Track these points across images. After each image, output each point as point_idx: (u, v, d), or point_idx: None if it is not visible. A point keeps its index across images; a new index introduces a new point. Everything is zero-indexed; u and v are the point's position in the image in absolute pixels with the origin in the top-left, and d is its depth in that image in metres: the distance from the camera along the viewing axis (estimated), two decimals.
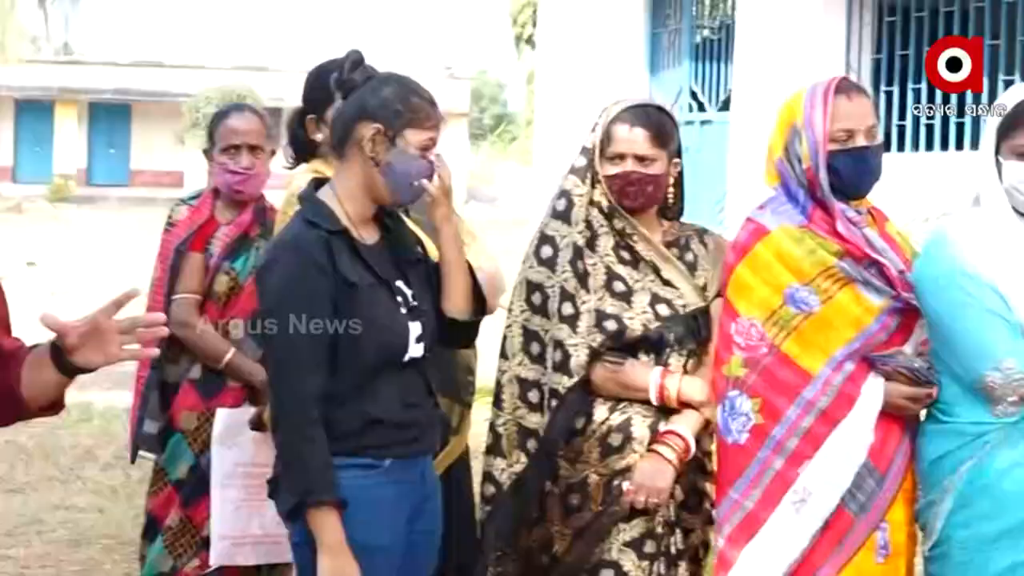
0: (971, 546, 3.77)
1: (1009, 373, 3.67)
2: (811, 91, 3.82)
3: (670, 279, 4.01)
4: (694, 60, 13.34)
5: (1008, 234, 3.76)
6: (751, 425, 3.75)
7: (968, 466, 3.76)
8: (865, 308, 3.74)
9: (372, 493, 3.61)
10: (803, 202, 3.81)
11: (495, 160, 45.95)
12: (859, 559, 3.74)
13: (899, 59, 10.86)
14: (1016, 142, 3.72)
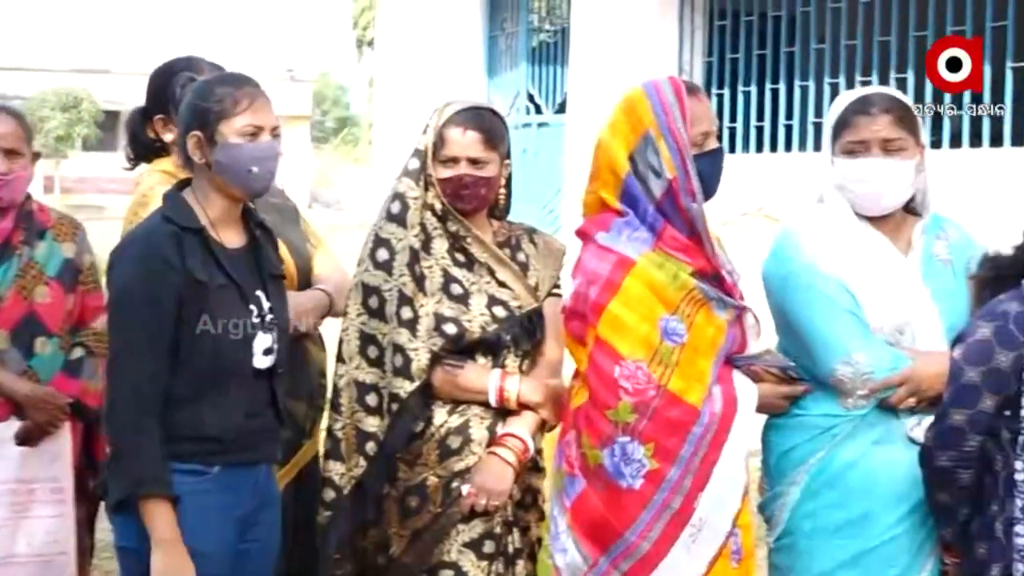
0: (817, 536, 3.85)
1: (859, 367, 3.75)
2: (655, 96, 3.70)
3: (505, 280, 4.04)
4: (531, 63, 13.42)
5: (851, 231, 3.87)
6: (646, 471, 3.63)
7: (817, 458, 3.84)
8: (716, 327, 3.70)
9: (198, 499, 3.59)
10: (651, 219, 3.69)
11: (338, 163, 45.62)
12: (718, 568, 3.72)
13: (730, 62, 11.03)
14: (844, 140, 3.85)
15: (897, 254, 3.89)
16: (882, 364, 3.75)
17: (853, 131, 3.86)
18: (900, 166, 3.84)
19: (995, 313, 3.50)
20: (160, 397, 3.57)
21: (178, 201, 3.73)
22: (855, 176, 3.85)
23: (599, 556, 3.68)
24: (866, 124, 3.84)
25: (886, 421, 3.80)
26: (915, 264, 3.89)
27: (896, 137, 3.83)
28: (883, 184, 3.85)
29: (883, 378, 3.75)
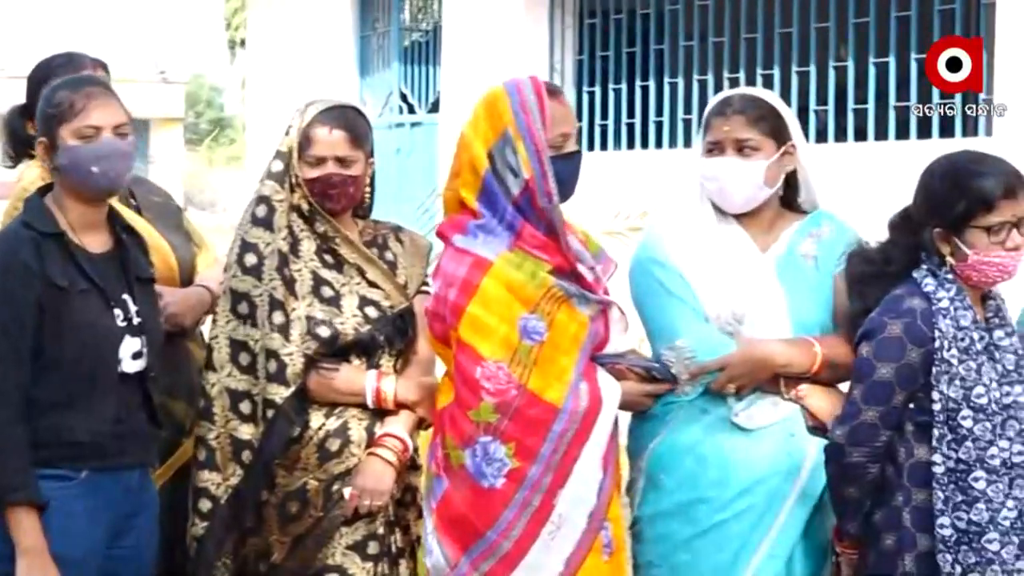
0: (657, 521, 3.92)
1: (681, 351, 3.83)
2: (516, 96, 3.71)
3: (375, 280, 4.04)
4: (403, 62, 13.40)
5: (708, 227, 3.96)
6: (507, 470, 3.67)
7: (654, 444, 3.91)
8: (579, 323, 3.73)
9: (65, 505, 3.57)
10: (511, 218, 3.71)
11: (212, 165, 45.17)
12: (590, 562, 3.75)
13: (600, 60, 11.11)
14: (705, 140, 3.95)
15: (753, 249, 3.97)
16: (705, 349, 3.83)
17: (711, 131, 3.95)
18: (751, 166, 3.91)
19: (902, 310, 3.58)
20: (24, 404, 3.55)
21: (38, 206, 3.72)
22: (710, 175, 3.94)
23: (460, 557, 3.71)
24: (720, 125, 3.93)
25: (716, 407, 3.87)
26: (772, 259, 3.96)
27: (748, 137, 3.90)
28: (733, 183, 3.92)
29: (702, 363, 3.82)
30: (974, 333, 3.57)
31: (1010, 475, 3.52)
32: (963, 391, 3.52)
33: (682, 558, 3.87)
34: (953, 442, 3.51)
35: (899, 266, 3.66)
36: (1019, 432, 3.55)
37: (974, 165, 3.60)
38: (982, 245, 3.55)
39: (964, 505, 3.50)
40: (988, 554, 3.48)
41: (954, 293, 3.58)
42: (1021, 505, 3.52)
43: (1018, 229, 3.56)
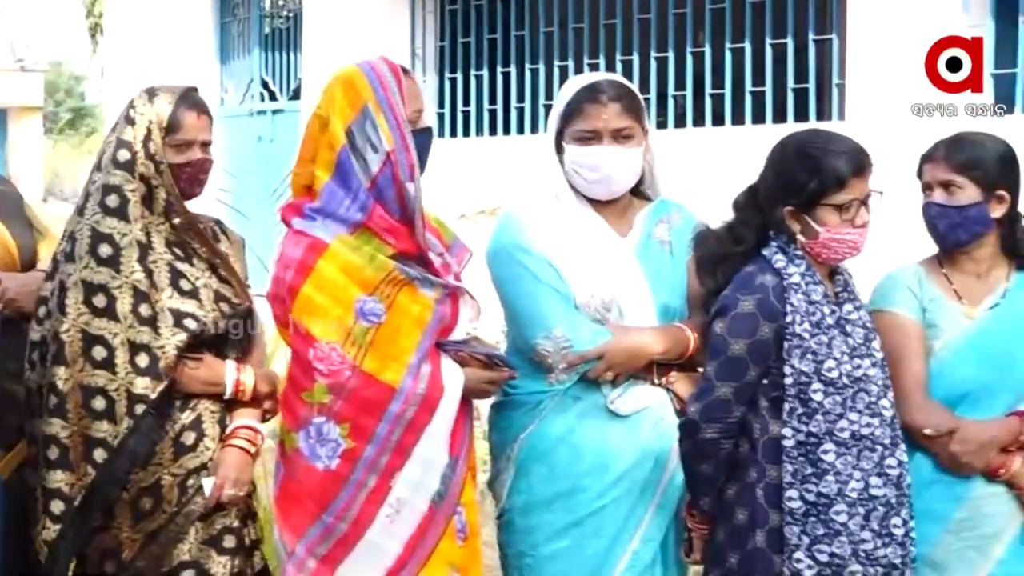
0: (530, 510, 3.94)
1: (559, 341, 3.85)
2: (372, 73, 3.71)
3: (224, 274, 4.00)
4: (264, 49, 13.30)
5: (565, 212, 3.97)
6: (342, 450, 3.67)
7: (527, 433, 3.93)
8: (423, 304, 3.73)
9: None
10: (364, 199, 3.70)
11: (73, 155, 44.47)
12: (443, 547, 3.77)
13: (462, 46, 11.11)
14: (576, 128, 3.94)
15: (613, 235, 3.99)
16: (581, 338, 3.85)
17: (584, 119, 3.95)
18: (629, 154, 3.95)
19: (754, 286, 3.62)
20: None
21: None
22: (588, 163, 3.94)
23: (296, 543, 3.71)
24: (597, 113, 3.93)
25: (590, 394, 3.90)
26: (631, 245, 4.00)
27: (625, 126, 3.94)
28: (614, 171, 3.95)
29: (580, 352, 3.85)
30: (825, 308, 3.62)
31: (858, 447, 3.58)
32: (814, 365, 3.57)
33: (558, 546, 3.90)
34: (804, 415, 3.56)
35: (748, 245, 3.70)
36: (868, 405, 3.61)
37: (825, 144, 3.65)
38: (832, 222, 3.60)
39: (813, 478, 3.54)
40: (836, 525, 3.53)
41: (804, 269, 3.62)
42: (868, 476, 3.58)
43: (866, 206, 3.62)
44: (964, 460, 3.69)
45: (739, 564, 3.62)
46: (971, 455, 3.69)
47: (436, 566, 3.75)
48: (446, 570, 3.78)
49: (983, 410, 3.75)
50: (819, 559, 3.53)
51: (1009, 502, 3.74)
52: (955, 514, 3.73)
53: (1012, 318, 3.81)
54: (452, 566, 3.79)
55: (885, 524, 3.58)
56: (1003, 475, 3.71)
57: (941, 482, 3.74)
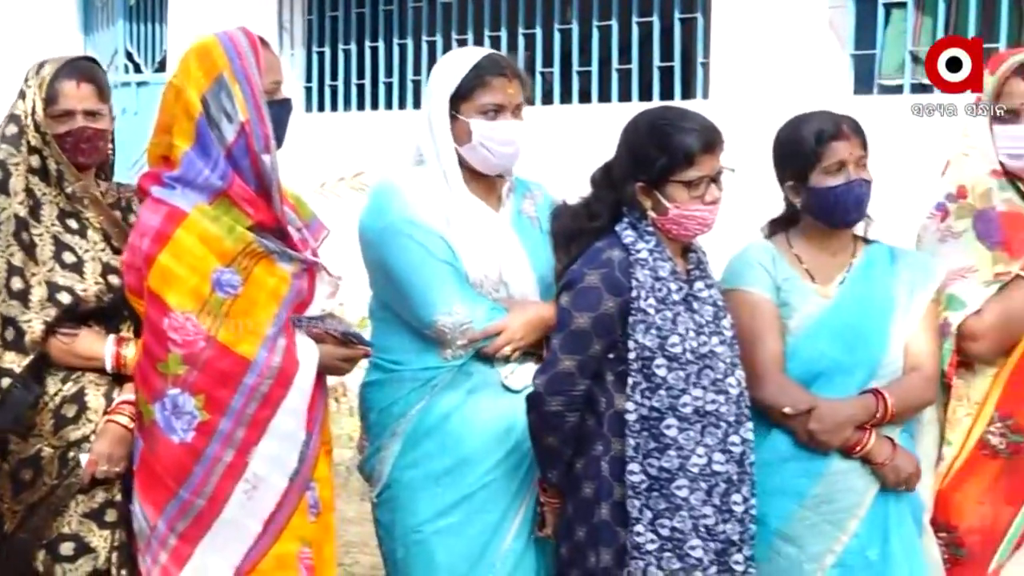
0: (417, 486, 3.92)
1: (458, 317, 3.83)
2: (229, 43, 3.67)
3: (120, 247, 3.92)
4: (128, 21, 13.12)
5: (454, 187, 3.93)
6: (197, 423, 3.64)
7: (417, 409, 3.91)
8: (280, 278, 3.70)
9: None
10: (222, 169, 3.66)
11: None
12: (294, 522, 3.75)
13: (330, 20, 11.06)
14: (482, 101, 3.89)
15: (488, 210, 3.99)
16: (480, 314, 3.84)
17: (491, 93, 3.91)
18: (525, 128, 3.97)
19: (600, 261, 3.63)
20: None
21: None
22: (501, 137, 3.92)
23: (157, 518, 3.69)
24: (503, 87, 3.91)
25: (482, 370, 3.90)
26: (507, 219, 4.01)
27: (522, 101, 3.96)
28: (521, 144, 3.96)
29: (481, 328, 3.84)
30: (672, 284, 3.64)
31: (702, 423, 3.60)
32: (658, 340, 3.58)
33: (448, 522, 3.89)
34: (647, 390, 3.58)
35: (603, 220, 3.71)
36: (713, 381, 3.64)
37: (676, 121, 3.66)
38: (682, 199, 3.62)
39: (656, 452, 3.57)
40: (677, 500, 3.56)
41: (653, 245, 3.64)
42: (711, 452, 3.61)
43: (716, 183, 3.64)
44: (822, 438, 3.73)
45: (586, 537, 3.64)
46: (829, 433, 3.73)
47: (287, 542, 3.74)
48: (297, 546, 3.76)
49: (837, 388, 3.80)
50: (661, 533, 3.56)
51: (863, 476, 3.79)
52: (812, 490, 3.78)
53: (863, 295, 3.86)
54: (303, 541, 3.78)
55: (726, 500, 3.62)
56: (859, 452, 3.76)
57: (798, 459, 3.78)
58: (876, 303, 3.87)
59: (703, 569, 3.59)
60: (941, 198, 4.02)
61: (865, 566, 3.78)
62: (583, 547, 3.65)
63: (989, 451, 3.95)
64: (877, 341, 3.84)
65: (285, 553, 3.73)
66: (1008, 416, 3.94)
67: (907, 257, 3.97)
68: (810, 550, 3.78)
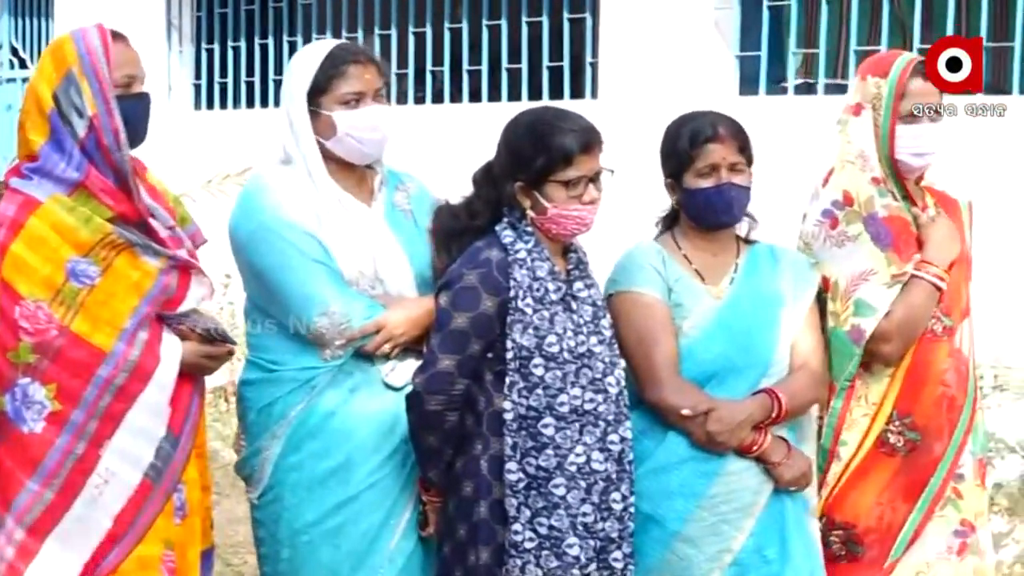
0: (301, 487, 3.89)
1: (336, 318, 3.80)
2: (80, 39, 3.66)
3: None
4: (13, 15, 12.96)
5: (321, 184, 3.90)
6: (47, 412, 3.60)
7: (297, 410, 3.87)
8: (144, 272, 3.67)
9: None
10: (77, 161, 3.63)
11: None
12: (159, 524, 3.71)
13: (219, 17, 11.00)
14: (341, 91, 3.87)
15: (361, 206, 3.96)
16: (358, 313, 3.82)
17: (349, 81, 3.89)
18: (388, 111, 3.95)
19: (478, 261, 3.63)
20: None
21: None
22: (368, 124, 3.89)
23: (4, 514, 3.64)
24: (360, 74, 3.89)
25: (363, 369, 3.88)
26: (380, 214, 3.98)
27: (382, 86, 3.94)
28: (388, 131, 3.94)
29: (360, 327, 3.82)
30: (550, 283, 3.65)
31: (580, 422, 3.62)
32: (536, 339, 3.60)
33: (334, 523, 3.87)
34: (524, 389, 3.59)
35: (484, 220, 3.73)
36: (592, 381, 3.65)
37: (554, 121, 3.66)
38: (561, 199, 3.63)
39: (533, 451, 3.59)
40: (555, 498, 3.58)
41: (532, 245, 3.66)
42: (589, 451, 3.63)
43: (595, 184, 3.66)
44: (721, 439, 3.74)
45: (466, 535, 3.65)
46: (728, 434, 3.74)
47: (151, 544, 3.70)
48: (161, 548, 3.73)
49: (730, 388, 3.82)
50: (539, 531, 3.58)
51: (758, 475, 3.82)
52: (709, 490, 3.79)
53: (752, 294, 3.89)
54: (167, 544, 3.74)
55: (605, 498, 3.64)
56: (756, 451, 3.79)
57: (695, 459, 3.79)
58: (765, 302, 3.90)
59: (581, 567, 3.61)
60: (827, 205, 4.04)
61: (761, 564, 3.81)
62: (464, 546, 3.66)
63: (887, 449, 4.01)
64: (768, 340, 3.87)
65: (148, 555, 3.70)
66: (906, 414, 3.99)
67: (788, 256, 4.01)
68: (708, 550, 3.79)
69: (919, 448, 4.00)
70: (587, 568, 3.62)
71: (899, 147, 4.02)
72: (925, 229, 4.04)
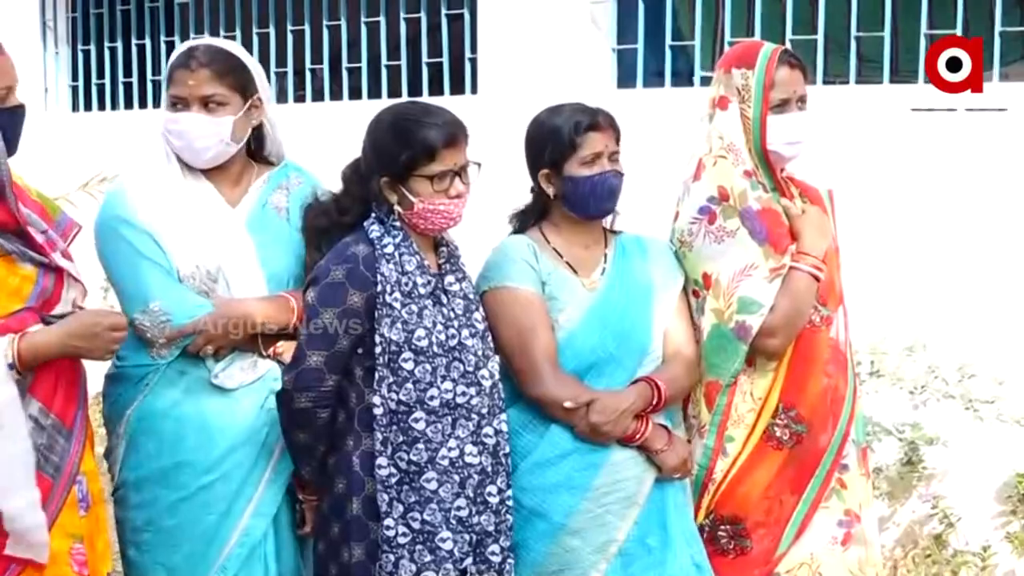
0: (142, 486, 3.91)
1: (155, 315, 3.81)
2: None
3: None
4: None
5: (173, 183, 3.92)
6: None
7: (134, 408, 3.89)
8: (22, 277, 3.63)
9: None
10: None
11: None
12: (63, 519, 3.66)
13: (95, 18, 10.86)
14: (169, 93, 3.89)
15: (222, 204, 3.96)
16: (181, 311, 3.81)
17: (175, 85, 3.90)
18: (218, 122, 3.91)
19: (345, 256, 3.63)
20: None
21: None
22: (175, 130, 3.91)
23: None
24: (184, 79, 3.88)
25: (195, 369, 3.88)
26: (242, 214, 3.98)
27: (214, 92, 3.90)
28: (199, 139, 3.91)
29: (179, 325, 3.82)
30: (419, 278, 3.65)
31: (452, 415, 3.63)
32: (405, 334, 3.60)
33: (170, 522, 3.87)
34: (394, 384, 3.59)
35: (353, 216, 3.73)
36: (463, 374, 3.66)
37: (418, 116, 3.67)
38: (426, 193, 3.64)
39: (405, 446, 3.59)
40: (427, 493, 3.58)
41: (400, 239, 3.66)
42: (463, 444, 3.63)
43: (460, 177, 3.67)
44: (605, 429, 3.78)
45: (340, 532, 3.65)
46: (611, 424, 3.78)
47: (57, 539, 3.65)
48: (68, 542, 3.70)
49: (609, 378, 3.86)
50: (412, 526, 3.58)
51: (641, 464, 3.86)
52: (593, 482, 3.82)
53: (625, 284, 3.93)
54: (74, 537, 3.72)
55: (480, 492, 3.65)
56: (638, 440, 3.82)
57: (578, 451, 3.82)
58: (638, 292, 3.94)
59: (455, 561, 3.61)
60: (703, 201, 4.05)
61: (645, 552, 3.85)
62: (338, 543, 3.65)
63: (774, 442, 4.04)
64: (643, 329, 3.92)
65: (56, 550, 3.65)
66: (791, 407, 4.03)
67: (655, 245, 4.06)
68: (594, 541, 3.83)
69: (805, 440, 4.04)
70: (462, 563, 3.63)
71: (771, 137, 4.05)
72: (797, 220, 4.07)
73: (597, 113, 3.91)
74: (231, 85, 3.94)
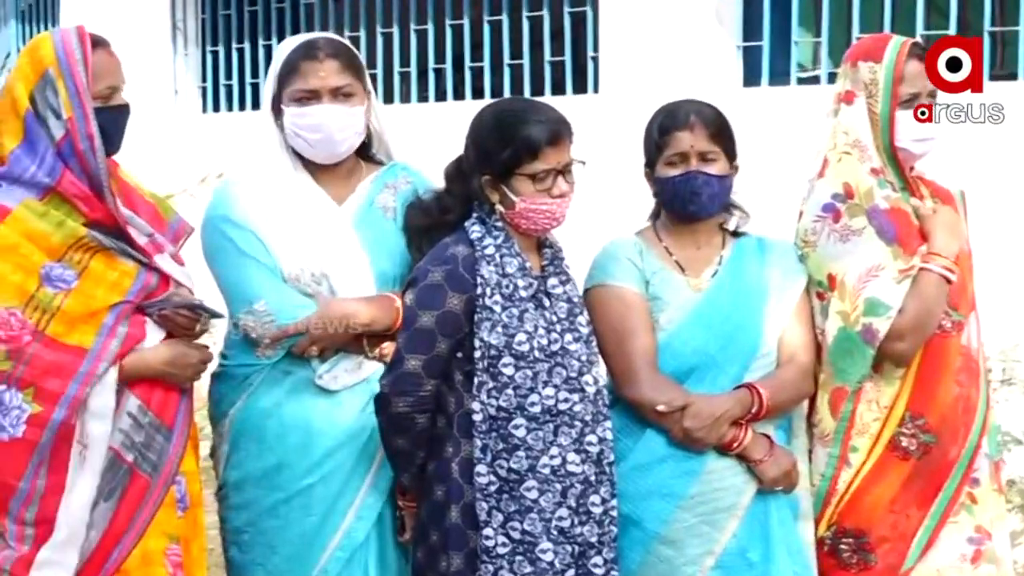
0: (242, 486, 3.89)
1: (261, 315, 3.77)
2: (59, 40, 3.61)
3: None
4: (21, 22, 13.00)
5: (281, 182, 3.88)
6: (28, 415, 3.56)
7: (236, 408, 3.87)
8: (122, 271, 3.65)
9: None
10: (51, 163, 3.59)
11: None
12: (160, 517, 3.69)
13: (223, 19, 10.98)
14: (294, 88, 3.84)
15: (329, 203, 3.92)
16: (286, 311, 3.78)
17: (302, 78, 3.84)
18: (351, 112, 3.87)
19: (444, 257, 3.56)
20: None
21: None
22: (309, 124, 3.85)
23: (4, 520, 3.61)
24: (314, 71, 3.84)
25: (300, 369, 3.84)
26: (349, 212, 3.93)
27: (345, 83, 3.85)
28: (336, 130, 3.86)
29: (283, 325, 3.78)
30: (520, 280, 3.57)
31: (554, 422, 3.54)
32: (505, 338, 3.51)
33: (270, 524, 3.85)
34: (494, 389, 3.51)
35: (455, 215, 3.66)
36: (566, 380, 3.57)
37: (521, 113, 3.60)
38: (528, 192, 3.55)
39: (504, 453, 3.50)
40: (527, 502, 3.50)
41: (502, 240, 3.58)
42: (565, 452, 3.54)
43: (564, 176, 3.58)
44: (697, 435, 3.67)
45: (438, 541, 3.57)
46: (704, 430, 3.67)
47: (153, 538, 3.67)
48: (165, 542, 3.71)
49: (711, 383, 3.75)
50: (512, 536, 3.50)
51: (741, 474, 3.73)
52: (688, 490, 3.71)
53: (733, 288, 3.82)
54: (171, 537, 3.72)
55: (583, 502, 3.56)
56: (736, 448, 3.71)
57: (673, 458, 3.71)
58: (749, 295, 3.82)
59: (556, 573, 3.52)
60: (827, 199, 3.92)
61: (746, 567, 3.73)
62: (436, 551, 3.58)
63: (900, 452, 3.89)
64: (751, 333, 3.79)
65: (151, 550, 3.67)
66: (919, 416, 3.88)
67: (778, 247, 3.93)
68: (689, 552, 3.71)
69: (933, 451, 3.89)
70: (564, 574, 3.54)
71: (900, 134, 3.92)
72: (927, 220, 3.92)
73: (691, 112, 3.80)
74: (356, 76, 3.91)
